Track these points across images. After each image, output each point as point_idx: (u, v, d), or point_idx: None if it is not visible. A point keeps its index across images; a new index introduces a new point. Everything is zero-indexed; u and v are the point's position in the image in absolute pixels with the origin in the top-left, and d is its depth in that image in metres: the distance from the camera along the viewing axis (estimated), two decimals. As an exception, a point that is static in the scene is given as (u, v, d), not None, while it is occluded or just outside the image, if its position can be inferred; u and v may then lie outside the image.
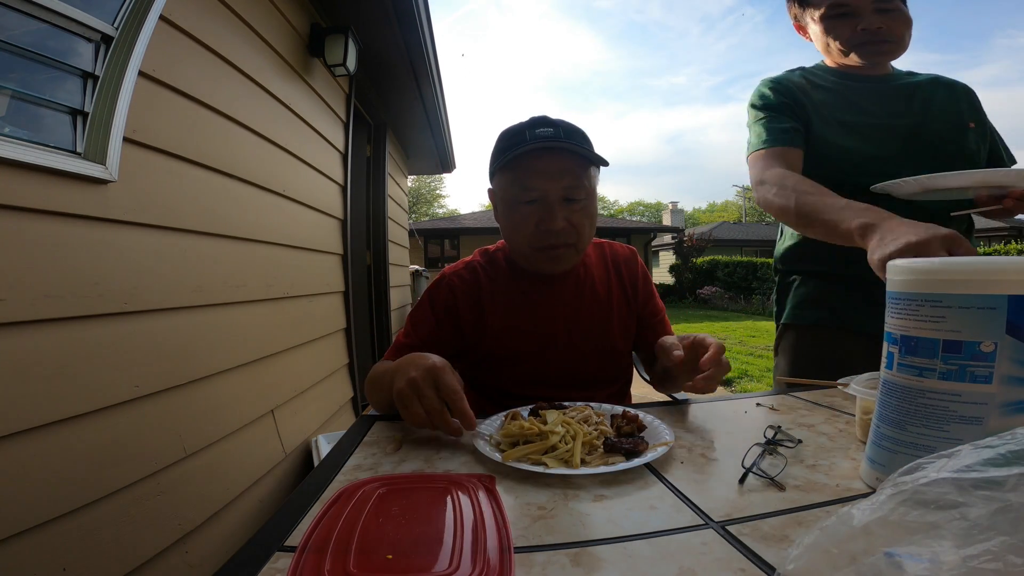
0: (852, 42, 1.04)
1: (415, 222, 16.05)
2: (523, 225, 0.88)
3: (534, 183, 0.86)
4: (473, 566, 0.38)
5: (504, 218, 0.93)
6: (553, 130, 0.86)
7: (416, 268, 5.92)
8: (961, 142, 1.05)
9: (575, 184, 0.86)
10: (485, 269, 1.00)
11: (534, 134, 0.86)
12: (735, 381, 4.43)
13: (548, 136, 0.85)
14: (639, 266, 1.05)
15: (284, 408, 1.89)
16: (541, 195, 0.86)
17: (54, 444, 0.95)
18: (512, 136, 0.89)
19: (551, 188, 0.85)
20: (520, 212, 0.88)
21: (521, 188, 0.87)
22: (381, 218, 3.84)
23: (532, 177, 0.86)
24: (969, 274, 0.43)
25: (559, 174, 0.85)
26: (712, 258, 14.49)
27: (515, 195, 0.88)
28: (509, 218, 0.91)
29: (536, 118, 0.90)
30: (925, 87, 1.09)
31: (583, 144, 0.87)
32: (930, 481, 0.28)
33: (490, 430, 0.67)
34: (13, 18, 0.95)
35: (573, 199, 0.87)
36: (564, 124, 0.89)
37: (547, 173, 0.85)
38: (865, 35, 1.02)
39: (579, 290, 0.97)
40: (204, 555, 1.31)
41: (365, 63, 2.86)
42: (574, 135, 0.88)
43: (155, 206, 1.26)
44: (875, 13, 1.01)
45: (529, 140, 0.85)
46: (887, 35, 1.02)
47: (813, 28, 1.11)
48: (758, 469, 0.53)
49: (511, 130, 0.91)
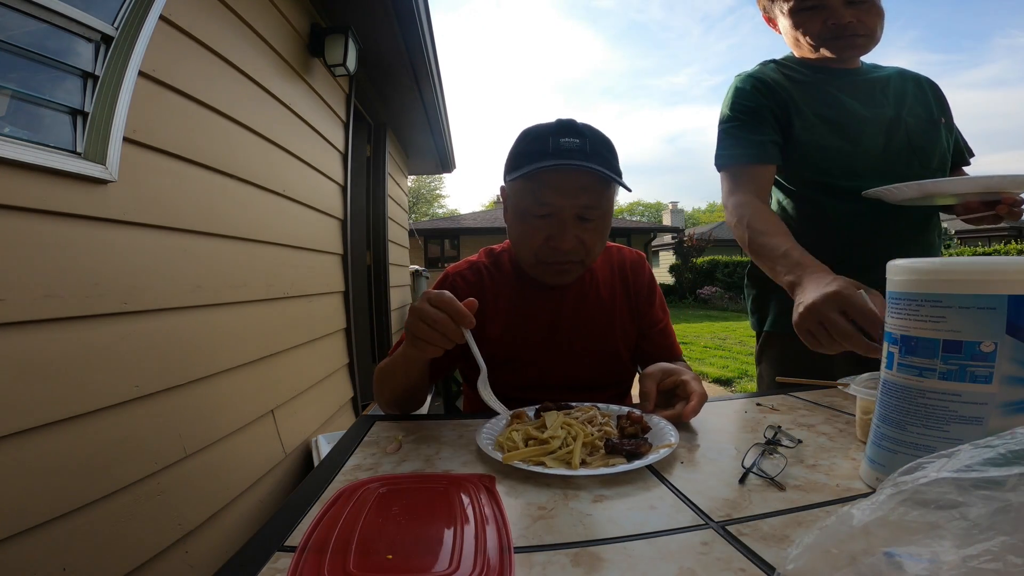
0: (822, 36, 1.01)
1: (415, 222, 16.05)
2: (532, 237, 0.85)
3: (550, 199, 0.81)
4: (473, 566, 0.38)
5: (513, 224, 0.90)
6: (579, 142, 0.81)
7: (416, 268, 5.92)
8: (935, 136, 1.04)
9: (592, 204, 0.82)
10: (489, 270, 0.98)
11: (558, 144, 0.81)
12: (735, 381, 4.43)
13: (573, 149, 0.80)
14: (646, 272, 1.02)
15: (284, 408, 1.89)
16: (555, 211, 0.82)
17: (54, 444, 0.95)
18: (535, 140, 0.84)
19: (567, 205, 0.81)
20: (531, 224, 0.85)
21: (535, 201, 0.83)
22: (381, 218, 3.84)
23: (548, 192, 0.81)
24: (969, 274, 0.43)
25: (577, 192, 0.81)
26: (712, 258, 14.49)
27: (528, 206, 0.84)
28: (519, 227, 0.88)
29: (563, 123, 0.85)
30: (895, 80, 1.07)
31: (609, 160, 0.83)
32: (930, 481, 0.28)
33: (495, 430, 0.67)
34: (13, 18, 0.95)
35: (588, 219, 0.83)
36: (592, 134, 0.84)
37: (565, 190, 0.81)
38: (835, 29, 0.98)
39: (583, 294, 0.96)
40: (204, 555, 1.31)
41: (365, 63, 2.86)
42: (600, 149, 0.83)
43: (155, 206, 1.26)
44: (845, 6, 0.97)
45: (552, 150, 0.80)
46: (858, 28, 0.98)
47: (782, 21, 1.07)
48: (758, 469, 0.54)
49: (534, 132, 0.86)
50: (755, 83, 1.05)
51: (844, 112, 1.02)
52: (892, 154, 1.01)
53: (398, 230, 4.65)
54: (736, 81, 1.08)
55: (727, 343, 6.49)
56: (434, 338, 0.65)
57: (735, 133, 1.03)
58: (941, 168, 1.05)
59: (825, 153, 1.01)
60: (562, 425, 0.63)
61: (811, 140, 1.01)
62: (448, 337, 0.65)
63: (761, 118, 1.02)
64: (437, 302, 0.66)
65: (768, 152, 1.01)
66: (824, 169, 1.02)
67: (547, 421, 0.65)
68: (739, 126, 1.03)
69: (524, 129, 0.88)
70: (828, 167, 1.01)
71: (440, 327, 0.64)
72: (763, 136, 1.01)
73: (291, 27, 2.11)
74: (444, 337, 0.65)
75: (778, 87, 1.04)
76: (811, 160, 1.02)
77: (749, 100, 1.03)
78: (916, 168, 1.02)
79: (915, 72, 1.11)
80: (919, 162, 1.02)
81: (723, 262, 13.96)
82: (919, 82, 1.10)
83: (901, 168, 1.01)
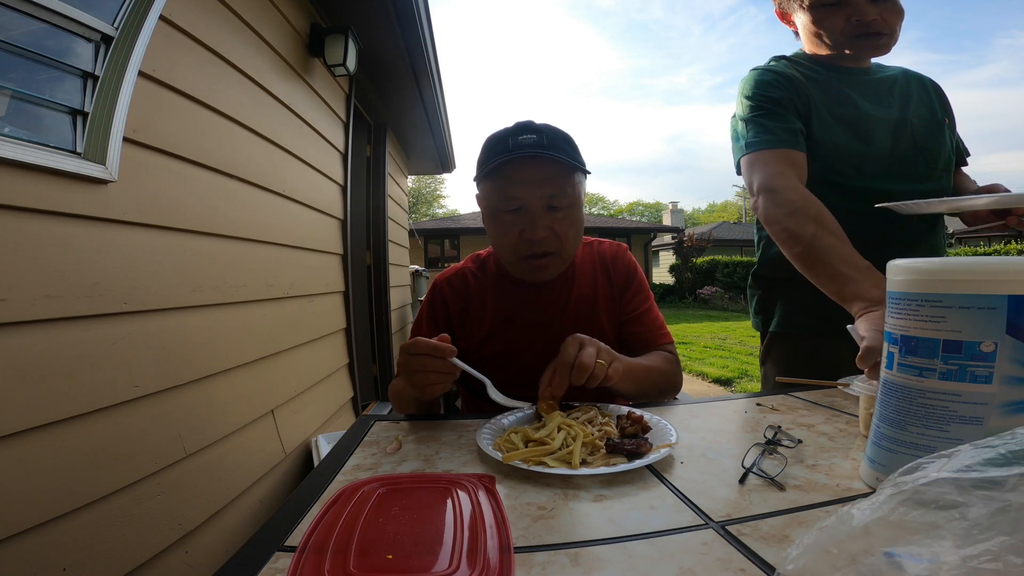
0: (845, 33, 0.99)
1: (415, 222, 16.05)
2: (506, 234, 0.89)
3: (516, 192, 0.85)
4: (473, 566, 0.38)
5: (489, 227, 0.93)
6: (536, 136, 0.85)
7: (416, 268, 5.92)
8: (939, 137, 1.03)
9: (558, 192, 0.86)
10: (475, 274, 1.02)
11: (517, 141, 0.85)
12: (735, 381, 4.42)
13: (530, 144, 0.84)
14: (626, 261, 1.04)
15: (284, 408, 1.89)
16: (523, 204, 0.86)
17: (54, 444, 0.95)
18: (496, 144, 0.88)
19: (533, 197, 0.85)
20: (503, 221, 0.88)
21: (503, 197, 0.87)
22: (381, 218, 3.84)
23: (514, 186, 0.85)
24: (969, 274, 0.43)
25: (541, 183, 0.85)
26: (712, 258, 14.49)
27: (497, 204, 0.88)
28: (493, 227, 0.91)
29: (520, 124, 0.89)
30: (900, 80, 1.06)
31: (567, 150, 0.86)
32: (930, 481, 0.28)
33: (495, 430, 0.67)
34: (13, 18, 0.95)
35: (556, 207, 0.86)
36: (549, 130, 0.88)
37: (529, 182, 0.85)
38: (860, 26, 0.97)
39: (567, 289, 0.98)
40: (204, 555, 1.31)
41: (365, 63, 2.86)
42: (558, 141, 0.87)
43: (155, 206, 1.26)
44: (869, 3, 0.96)
45: (512, 148, 0.84)
46: (882, 27, 0.97)
47: (801, 17, 1.05)
48: (758, 469, 0.54)
49: (495, 137, 0.90)
50: (776, 76, 1.03)
51: (857, 112, 1.01)
52: (899, 155, 1.00)
53: (398, 230, 4.65)
54: (754, 75, 1.05)
55: (727, 343, 6.49)
56: (432, 379, 0.71)
57: (762, 121, 0.99)
58: (947, 169, 1.05)
59: (840, 153, 0.99)
60: (560, 426, 0.63)
61: (828, 139, 1.00)
62: (444, 373, 0.71)
63: (785, 107, 0.99)
64: (414, 350, 0.71)
65: (798, 140, 0.98)
66: (837, 169, 1.00)
67: (546, 423, 0.65)
68: (766, 115, 0.99)
69: (486, 137, 0.92)
70: (841, 167, 1.00)
71: (433, 367, 0.70)
72: (792, 124, 0.98)
73: (291, 27, 2.11)
74: (441, 375, 0.71)
75: (797, 82, 1.02)
76: (825, 158, 1.00)
77: (773, 91, 1.01)
78: (922, 169, 1.01)
79: (918, 72, 1.11)
80: (925, 163, 1.02)
81: (723, 262, 13.96)
82: (923, 83, 1.09)
83: (907, 169, 1.00)
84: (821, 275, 0.86)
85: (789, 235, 0.90)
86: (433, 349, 0.70)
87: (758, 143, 0.98)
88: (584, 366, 0.71)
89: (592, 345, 0.75)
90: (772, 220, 0.94)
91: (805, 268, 0.90)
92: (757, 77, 1.04)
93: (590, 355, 0.72)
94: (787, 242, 0.92)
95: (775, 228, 0.94)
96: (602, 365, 0.73)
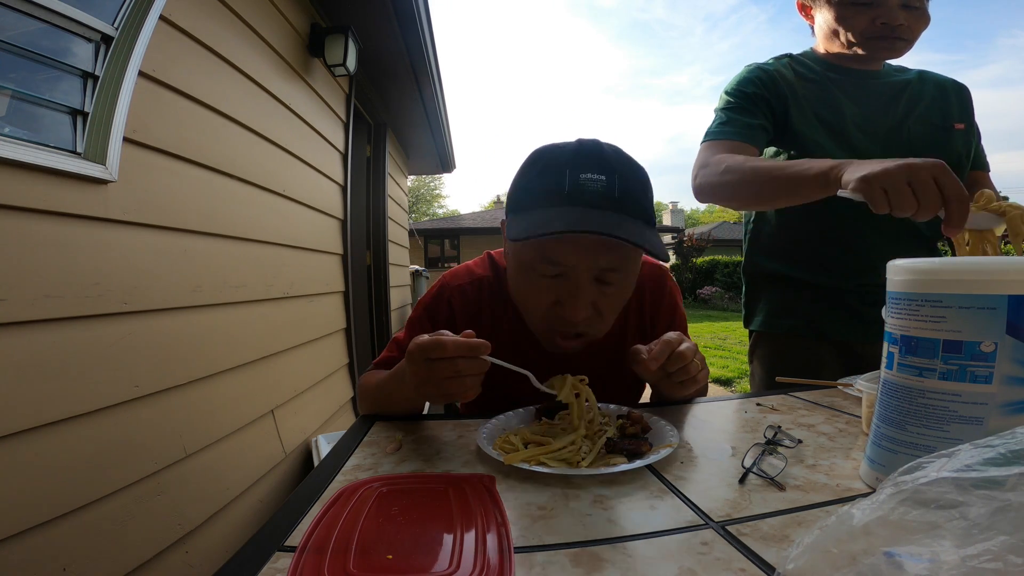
0: (866, 34, 0.97)
1: (415, 222, 16.05)
2: (537, 299, 0.70)
3: (562, 257, 0.66)
4: (473, 566, 0.37)
5: (517, 280, 0.74)
6: (605, 181, 0.64)
7: (416, 268, 5.92)
8: (944, 145, 1.02)
9: (617, 265, 0.67)
10: (491, 289, 0.85)
11: (577, 183, 0.63)
12: (735, 381, 4.43)
13: (597, 192, 0.63)
14: (666, 291, 0.88)
15: (284, 408, 1.89)
16: (567, 271, 0.67)
17: (54, 444, 0.95)
18: (547, 173, 0.67)
19: (582, 265, 0.65)
20: (537, 284, 0.69)
21: (543, 258, 0.67)
22: (381, 218, 3.84)
23: (562, 248, 0.65)
24: (969, 274, 0.43)
25: (597, 248, 0.64)
26: (712, 258, 14.48)
27: (534, 263, 0.68)
28: (521, 281, 0.72)
29: (586, 150, 0.66)
30: (914, 84, 1.05)
31: (643, 204, 0.66)
32: (930, 481, 0.28)
33: (495, 430, 0.67)
34: (13, 18, 0.95)
35: (608, 282, 0.68)
36: (622, 167, 0.66)
37: (582, 245, 0.64)
38: (884, 29, 0.95)
39: None
40: (204, 555, 1.31)
41: (365, 63, 2.86)
42: (633, 190, 0.65)
43: (155, 206, 1.26)
44: (900, 7, 0.94)
45: (569, 190, 0.63)
46: (904, 32, 0.96)
47: (824, 13, 1.03)
48: (758, 469, 0.53)
49: (547, 157, 0.68)
50: (759, 73, 1.05)
51: (840, 118, 1.01)
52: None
53: (398, 230, 4.64)
54: (741, 71, 1.08)
55: (727, 343, 6.49)
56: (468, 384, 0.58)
57: (727, 114, 1.03)
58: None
59: (821, 150, 1.00)
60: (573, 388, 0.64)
61: (807, 134, 1.01)
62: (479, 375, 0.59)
63: (754, 104, 1.02)
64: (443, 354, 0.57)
65: (754, 135, 1.00)
66: None
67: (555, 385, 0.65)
68: (733, 108, 1.03)
69: (535, 151, 0.71)
70: None
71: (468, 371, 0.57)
72: (752, 120, 1.01)
73: (291, 27, 2.11)
74: (476, 377, 0.59)
75: (781, 79, 1.03)
76: (808, 153, 1.00)
77: (748, 87, 1.04)
78: None
79: (940, 75, 1.09)
80: None
81: (723, 262, 13.96)
82: (941, 86, 1.07)
83: None
84: (778, 188, 0.83)
85: (728, 186, 0.90)
86: (468, 349, 0.57)
87: (716, 133, 1.02)
88: (683, 355, 0.66)
89: (690, 342, 0.70)
90: (709, 187, 0.95)
91: (760, 194, 0.88)
92: (741, 74, 1.07)
93: (690, 349, 0.68)
94: (729, 191, 0.91)
95: (715, 190, 0.94)
96: (696, 365, 0.69)
